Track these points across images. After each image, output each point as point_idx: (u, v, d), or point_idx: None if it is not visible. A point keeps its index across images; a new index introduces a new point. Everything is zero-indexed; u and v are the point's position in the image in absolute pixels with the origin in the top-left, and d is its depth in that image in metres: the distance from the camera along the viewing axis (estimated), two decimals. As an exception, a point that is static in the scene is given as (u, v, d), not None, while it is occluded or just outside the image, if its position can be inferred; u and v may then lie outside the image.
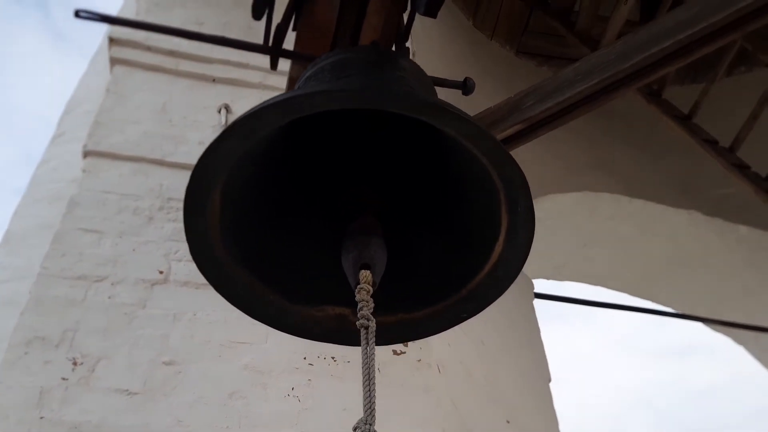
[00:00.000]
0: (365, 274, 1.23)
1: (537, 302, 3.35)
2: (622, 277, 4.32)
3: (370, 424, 1.09)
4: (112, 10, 3.46)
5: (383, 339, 1.44)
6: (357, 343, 1.26)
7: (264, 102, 1.11)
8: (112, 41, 2.58)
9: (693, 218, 3.93)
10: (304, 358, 2.00)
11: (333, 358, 2.02)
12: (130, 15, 2.94)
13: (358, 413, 1.89)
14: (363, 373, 1.16)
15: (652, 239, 4.04)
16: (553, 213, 3.86)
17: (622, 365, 12.65)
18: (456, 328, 2.18)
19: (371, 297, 1.22)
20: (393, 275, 1.38)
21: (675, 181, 4.03)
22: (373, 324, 1.20)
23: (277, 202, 1.41)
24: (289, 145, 1.45)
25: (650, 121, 4.09)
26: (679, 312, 4.35)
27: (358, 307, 1.20)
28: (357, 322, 1.20)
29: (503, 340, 2.81)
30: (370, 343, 1.20)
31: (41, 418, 1.71)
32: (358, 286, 1.22)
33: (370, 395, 1.15)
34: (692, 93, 3.73)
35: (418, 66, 1.38)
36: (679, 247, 4.04)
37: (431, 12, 1.32)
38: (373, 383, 1.17)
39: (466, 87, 1.56)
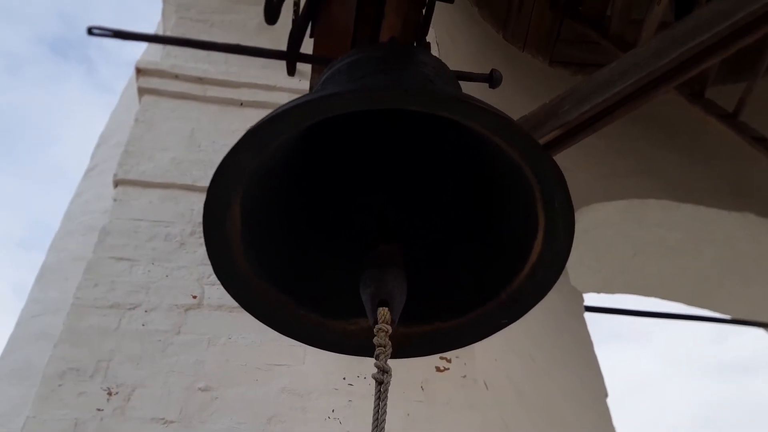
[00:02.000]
0: (383, 312, 1.13)
1: (590, 321, 3.21)
2: (675, 287, 4.13)
3: None
4: (143, 49, 3.50)
5: (421, 350, 1.36)
6: (394, 356, 1.17)
7: (274, 110, 1.05)
8: (140, 71, 2.59)
9: (747, 220, 3.75)
10: (344, 379, 1.92)
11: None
12: (158, 50, 2.96)
13: (402, 434, 1.80)
14: None
15: (705, 245, 3.86)
16: (600, 223, 3.73)
17: (681, 382, 12.17)
18: (502, 342, 2.08)
19: (390, 339, 1.12)
20: (427, 284, 1.30)
21: (725, 183, 3.86)
22: (388, 378, 1.08)
23: (299, 214, 1.35)
24: (311, 155, 1.39)
25: (694, 123, 3.94)
26: (741, 319, 4.14)
27: (375, 353, 1.10)
28: (372, 374, 1.10)
29: (553, 355, 2.68)
30: (382, 399, 1.08)
31: (76, 450, 1.66)
32: (376, 327, 1.12)
33: None
34: (735, 92, 3.58)
35: (440, 60, 1.31)
36: (734, 252, 3.85)
37: (447, -3, 1.26)
38: None
39: (492, 79, 1.48)
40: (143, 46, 3.75)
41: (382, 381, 1.05)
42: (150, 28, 3.24)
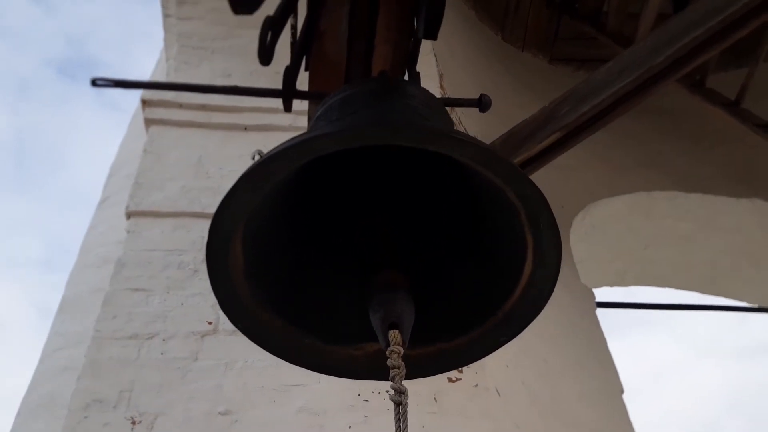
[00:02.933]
0: (394, 335, 1.18)
1: (610, 311, 3.24)
2: (688, 276, 4.14)
3: None
4: (147, 73, 3.58)
5: (426, 371, 1.41)
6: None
7: (269, 152, 1.12)
8: (145, 103, 2.66)
9: (755, 206, 3.75)
10: (359, 395, 1.98)
11: (388, 391, 1.98)
12: (162, 75, 3.03)
13: (419, 447, 1.85)
14: None
15: (715, 233, 3.87)
16: (608, 218, 3.75)
17: (705, 370, 12.08)
18: (514, 348, 2.12)
19: (402, 360, 1.16)
20: (428, 305, 1.34)
21: (731, 170, 3.86)
22: (405, 399, 1.12)
23: (300, 243, 1.40)
24: (310, 184, 1.45)
25: (697, 113, 3.95)
26: (756, 306, 4.13)
27: (390, 375, 1.14)
28: (390, 396, 1.14)
29: (567, 355, 2.71)
30: (402, 420, 1.10)
31: (104, 480, 1.74)
32: (389, 349, 1.16)
33: None
34: (737, 78, 3.59)
35: (427, 91, 1.36)
36: (744, 238, 3.86)
37: (431, 34, 1.31)
38: None
39: (482, 104, 1.53)
40: (151, 66, 3.84)
41: (400, 402, 1.10)
42: (155, 46, 3.31)
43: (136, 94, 3.15)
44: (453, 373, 2.03)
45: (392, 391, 1.12)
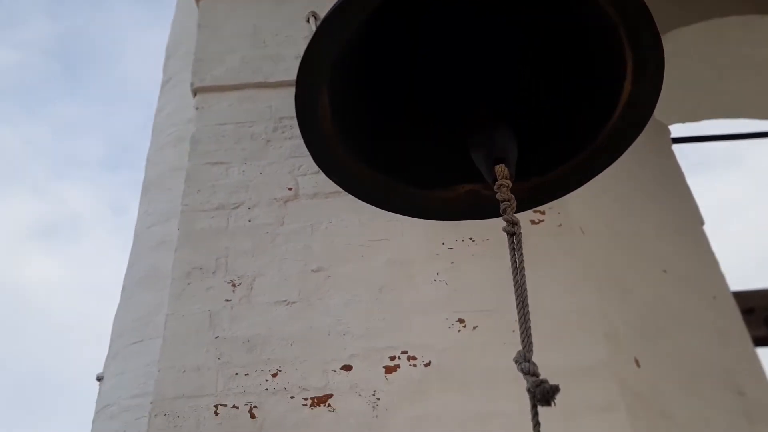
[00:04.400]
0: (501, 169, 1.16)
1: (681, 149, 3.14)
2: (764, 104, 3.94)
3: (529, 359, 0.98)
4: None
5: (522, 206, 1.40)
6: (494, 215, 1.23)
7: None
8: (192, -24, 2.58)
9: (839, 23, 3.47)
10: (443, 244, 2.01)
11: (471, 238, 2.01)
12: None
13: (508, 290, 1.89)
14: (515, 291, 1.07)
15: (794, 56, 3.63)
16: (679, 49, 3.54)
17: (777, 202, 11.77)
18: (596, 188, 2.09)
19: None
20: (523, 140, 1.32)
21: (813, -16, 3.55)
22: (519, 229, 1.11)
23: (387, 92, 1.37)
24: (388, 33, 1.39)
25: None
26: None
27: (501, 208, 1.13)
28: (503, 228, 1.13)
29: (646, 192, 2.68)
30: (518, 249, 1.10)
31: (216, 338, 1.85)
32: (497, 183, 1.15)
33: (525, 320, 1.04)
34: None
35: None
36: (827, 58, 3.61)
37: None
38: (527, 306, 1.06)
39: None
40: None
41: (513, 232, 1.10)
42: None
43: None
44: (535, 216, 2.03)
45: (504, 224, 1.12)
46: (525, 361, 0.98)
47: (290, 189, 2.17)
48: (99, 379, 2.38)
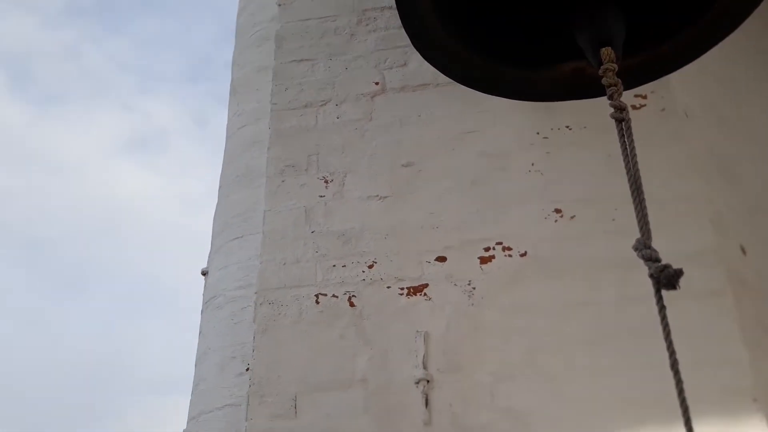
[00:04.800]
0: (607, 52, 1.08)
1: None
2: None
3: (649, 245, 0.95)
4: None
5: (629, 83, 1.32)
6: (599, 94, 1.16)
7: None
8: None
9: None
10: (537, 133, 1.94)
11: (567, 127, 1.93)
12: None
13: (608, 179, 1.82)
14: (629, 179, 1.02)
15: None
16: None
17: None
18: (700, 70, 1.95)
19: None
20: (631, 14, 1.22)
21: None
22: (627, 115, 1.06)
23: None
24: None
25: None
26: None
27: (608, 93, 1.08)
28: (610, 114, 1.08)
29: (755, 73, 2.48)
30: (628, 135, 1.05)
31: (312, 232, 1.90)
32: (602, 67, 1.08)
33: (641, 207, 1.00)
34: None
35: None
36: None
37: None
38: (641, 192, 1.02)
39: None
40: None
41: (622, 118, 1.05)
42: None
43: None
44: (636, 101, 1.92)
45: (612, 110, 1.06)
46: (645, 248, 0.95)
47: (377, 83, 2.14)
48: (204, 273, 2.51)
